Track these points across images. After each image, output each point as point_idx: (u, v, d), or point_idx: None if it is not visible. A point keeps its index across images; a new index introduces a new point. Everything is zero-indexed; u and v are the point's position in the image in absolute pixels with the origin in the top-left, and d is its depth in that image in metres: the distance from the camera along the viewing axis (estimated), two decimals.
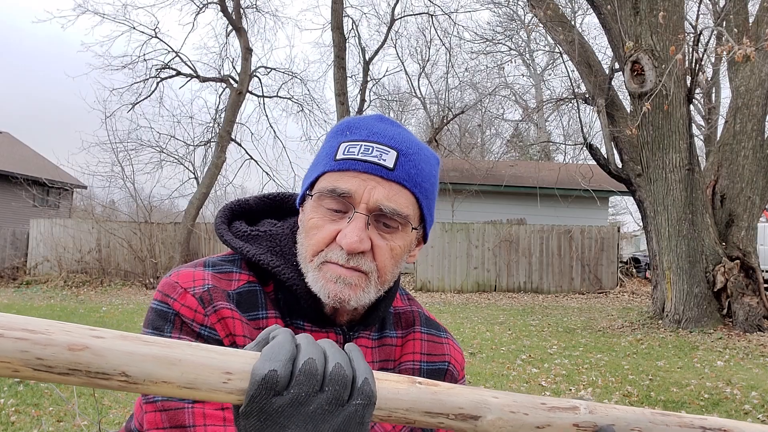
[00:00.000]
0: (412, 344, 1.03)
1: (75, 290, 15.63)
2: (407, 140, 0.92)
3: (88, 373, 0.50)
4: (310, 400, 0.55)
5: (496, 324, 10.23)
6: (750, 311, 8.70)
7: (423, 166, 0.92)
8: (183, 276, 0.90)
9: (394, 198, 0.88)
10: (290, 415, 0.55)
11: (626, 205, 30.83)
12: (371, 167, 0.88)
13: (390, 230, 0.90)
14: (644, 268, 16.87)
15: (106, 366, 0.51)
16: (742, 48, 6.73)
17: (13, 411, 4.77)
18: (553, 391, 5.65)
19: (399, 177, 0.89)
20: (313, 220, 0.90)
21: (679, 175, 9.14)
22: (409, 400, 0.62)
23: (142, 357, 0.52)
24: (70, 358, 0.50)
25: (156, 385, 0.53)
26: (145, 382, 0.53)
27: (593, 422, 0.70)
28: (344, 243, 0.86)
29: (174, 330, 0.87)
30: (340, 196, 0.88)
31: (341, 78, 16.88)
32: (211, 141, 19.45)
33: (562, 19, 11.42)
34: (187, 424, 0.82)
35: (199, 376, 0.54)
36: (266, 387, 0.54)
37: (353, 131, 0.92)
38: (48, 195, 23.09)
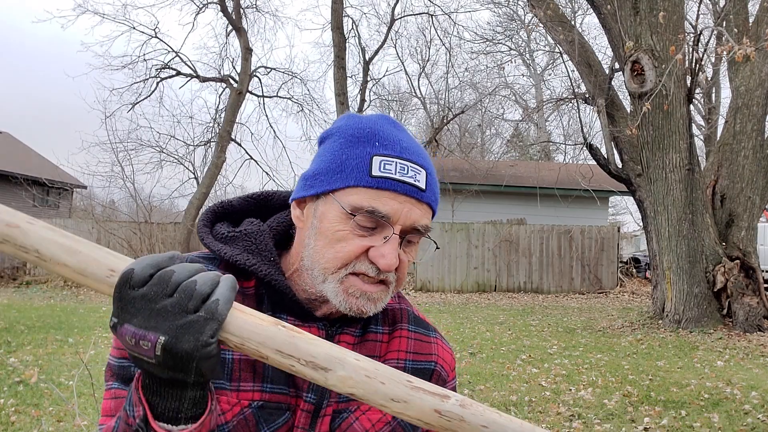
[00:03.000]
0: (398, 342, 1.03)
1: (75, 290, 15.63)
2: (425, 155, 0.94)
3: (15, 245, 0.67)
4: (158, 300, 0.66)
5: (496, 324, 10.23)
6: (750, 311, 8.70)
7: (438, 181, 0.95)
8: None
9: (425, 217, 0.91)
10: (140, 307, 0.66)
11: (626, 205, 30.84)
12: (409, 189, 0.88)
13: (411, 245, 0.92)
14: (644, 268, 16.87)
15: (27, 243, 0.67)
16: (742, 48, 6.73)
17: (13, 411, 4.77)
18: (553, 391, 5.65)
19: (430, 198, 0.91)
20: (341, 233, 0.88)
21: (679, 175, 9.14)
22: (264, 335, 0.67)
23: (53, 242, 0.67)
24: (6, 231, 0.66)
25: (58, 266, 0.67)
26: (51, 260, 0.67)
27: (461, 416, 0.69)
28: (382, 263, 0.87)
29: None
30: (381, 218, 0.87)
31: (341, 78, 16.88)
32: (211, 141, 19.45)
33: (562, 19, 11.42)
34: None
35: (90, 266, 0.67)
36: (123, 281, 0.66)
37: (383, 144, 0.90)
38: (48, 195, 23.08)
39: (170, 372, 0.67)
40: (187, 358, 0.65)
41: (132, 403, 0.71)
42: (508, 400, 5.30)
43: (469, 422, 0.69)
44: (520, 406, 5.14)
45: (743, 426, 4.61)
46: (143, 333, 0.65)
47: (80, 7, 25.84)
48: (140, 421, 0.70)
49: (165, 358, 0.65)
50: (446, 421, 0.69)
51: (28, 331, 8.65)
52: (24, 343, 7.64)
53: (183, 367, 0.66)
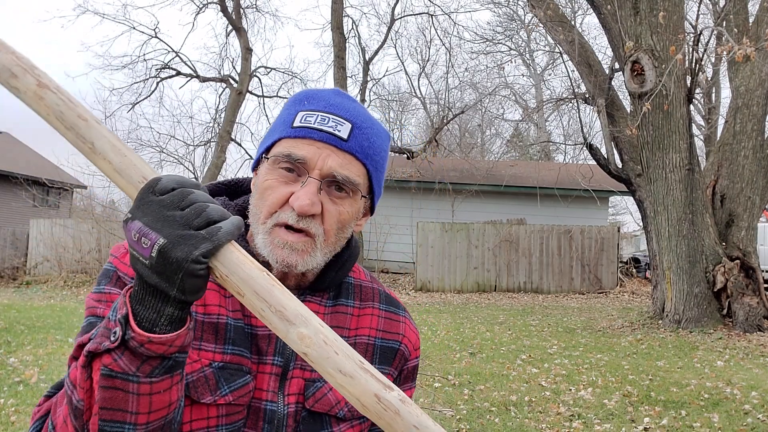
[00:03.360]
0: (369, 319, 1.06)
1: (75, 290, 15.63)
2: (362, 114, 0.97)
3: (77, 134, 0.76)
4: (170, 209, 0.71)
5: (496, 324, 10.23)
6: (750, 311, 8.70)
7: (375, 140, 0.97)
8: None
9: (347, 166, 0.93)
10: (153, 210, 0.71)
11: (626, 205, 30.84)
12: (327, 137, 0.93)
13: (340, 195, 0.94)
14: (644, 268, 16.87)
15: (87, 135, 0.76)
16: (742, 48, 6.73)
17: (13, 411, 4.77)
18: (553, 391, 5.64)
19: (352, 148, 0.94)
20: (268, 182, 0.94)
21: (679, 175, 9.14)
22: (248, 275, 0.72)
23: (107, 141, 0.76)
24: (75, 120, 0.76)
25: (104, 161, 0.76)
26: (100, 155, 0.76)
27: (397, 409, 0.70)
28: (296, 205, 0.90)
29: (109, 283, 0.93)
30: (296, 161, 0.92)
31: (341, 78, 16.88)
32: (211, 141, 19.46)
33: (562, 19, 11.42)
34: None
35: (128, 169, 0.76)
36: (148, 185, 0.73)
37: (311, 101, 0.97)
38: (48, 195, 23.08)
39: (157, 278, 0.70)
40: (176, 266, 0.69)
41: (116, 308, 0.74)
42: (508, 400, 5.30)
43: (403, 418, 0.70)
44: (520, 406, 5.14)
45: (743, 426, 4.61)
46: (147, 231, 0.70)
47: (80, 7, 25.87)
48: (121, 318, 0.72)
49: (157, 261, 0.70)
50: (382, 409, 0.70)
51: (28, 331, 8.66)
52: (24, 343, 7.64)
53: (169, 276, 0.70)
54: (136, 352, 0.72)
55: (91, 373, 0.73)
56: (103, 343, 0.72)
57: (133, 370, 0.72)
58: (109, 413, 0.72)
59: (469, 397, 5.39)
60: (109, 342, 0.72)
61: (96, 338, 0.73)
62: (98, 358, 0.72)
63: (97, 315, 0.89)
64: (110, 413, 0.72)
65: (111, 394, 0.72)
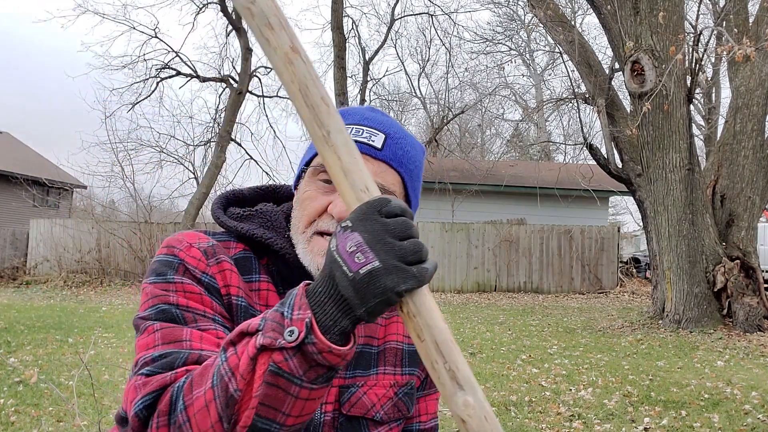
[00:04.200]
0: (395, 326, 1.09)
1: (75, 290, 15.62)
2: (395, 126, 1.00)
3: (317, 119, 0.74)
4: (393, 235, 0.72)
5: (496, 324, 10.22)
6: (750, 311, 8.70)
7: (409, 150, 1.00)
8: (188, 235, 0.98)
9: (382, 174, 0.96)
10: (376, 230, 0.72)
11: (626, 205, 30.84)
12: (361, 147, 0.95)
13: None
14: (644, 268, 16.87)
15: (325, 122, 0.75)
16: (742, 48, 6.73)
17: (13, 411, 4.77)
18: (553, 390, 5.64)
19: (386, 157, 0.97)
20: (307, 193, 0.97)
21: (679, 175, 9.14)
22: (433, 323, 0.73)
23: (343, 135, 0.75)
24: (319, 103, 0.75)
25: (333, 156, 0.75)
26: (333, 147, 0.75)
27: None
28: (335, 211, 0.93)
29: (176, 274, 0.92)
30: None
31: (341, 78, 16.87)
32: (211, 141, 19.44)
33: (562, 19, 11.42)
34: (184, 338, 0.85)
35: (355, 172, 0.75)
36: (378, 202, 0.73)
37: (346, 117, 0.99)
38: (48, 195, 23.08)
39: (354, 293, 0.71)
40: (379, 292, 0.71)
41: (291, 305, 0.73)
42: (508, 400, 5.30)
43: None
44: (520, 406, 5.13)
45: (743, 426, 4.60)
46: (365, 249, 0.71)
47: (80, 7, 25.86)
48: (307, 321, 0.71)
49: (362, 279, 0.71)
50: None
51: (28, 331, 8.65)
52: (24, 343, 7.64)
53: (365, 297, 0.71)
54: (310, 358, 0.72)
55: (255, 365, 0.72)
56: (278, 340, 0.71)
57: (300, 373, 0.72)
58: (265, 410, 0.72)
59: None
60: (284, 340, 0.71)
61: (267, 332, 0.72)
62: (268, 352, 0.72)
63: (170, 302, 0.89)
64: (266, 410, 0.72)
65: (273, 391, 0.72)
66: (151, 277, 0.93)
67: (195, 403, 0.74)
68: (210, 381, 0.74)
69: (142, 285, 0.94)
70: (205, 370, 0.76)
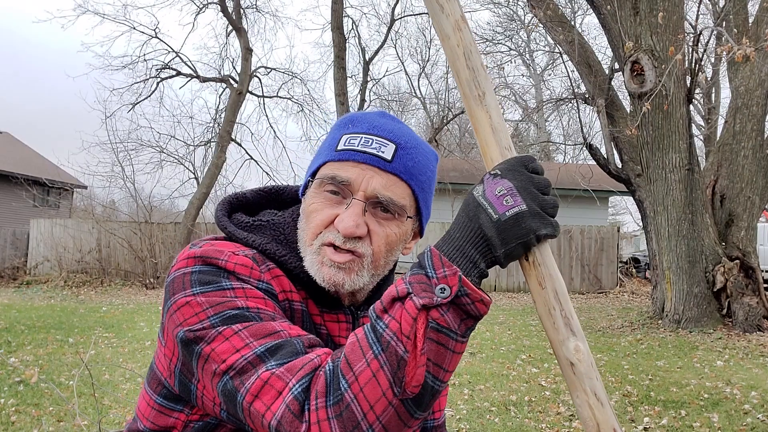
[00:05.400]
0: None
1: (75, 290, 15.63)
2: (406, 135, 0.97)
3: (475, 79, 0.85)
4: (537, 188, 0.80)
5: (496, 324, 10.23)
6: (750, 311, 8.70)
7: (420, 160, 0.97)
8: (222, 245, 0.95)
9: (391, 188, 0.94)
10: (523, 180, 0.80)
11: (626, 205, 30.84)
12: (370, 158, 0.93)
13: (386, 216, 0.95)
14: (644, 268, 16.86)
15: (483, 83, 0.85)
16: (741, 48, 6.73)
17: (13, 411, 4.77)
18: (553, 390, 5.65)
19: (396, 169, 0.94)
20: (314, 205, 0.95)
21: (679, 175, 9.14)
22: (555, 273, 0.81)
23: (494, 98, 0.86)
24: (479, 67, 0.85)
25: (485, 114, 0.84)
26: (485, 106, 0.84)
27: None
28: (341, 227, 0.91)
29: (231, 281, 0.88)
30: (340, 183, 0.93)
31: (341, 78, 16.87)
32: (211, 141, 19.45)
33: (562, 19, 11.42)
34: (278, 329, 0.84)
35: (502, 131, 0.84)
36: (525, 158, 0.82)
37: (355, 124, 0.98)
38: (48, 195, 23.08)
39: (496, 233, 0.77)
40: (522, 233, 0.78)
41: (432, 266, 0.77)
42: (508, 399, 5.30)
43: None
44: (520, 405, 5.14)
45: (743, 426, 4.61)
46: (515, 193, 0.79)
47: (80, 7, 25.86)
48: (459, 276, 0.75)
49: (508, 221, 0.78)
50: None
51: (28, 331, 8.66)
52: (24, 343, 7.64)
53: (507, 238, 0.78)
54: (462, 310, 0.75)
55: (417, 325, 0.74)
56: (434, 298, 0.74)
57: (455, 327, 0.75)
58: (433, 367, 0.75)
59: (469, 397, 5.39)
60: (439, 297, 0.74)
61: (419, 293, 0.75)
62: (425, 311, 0.74)
63: (238, 306, 0.85)
64: (434, 368, 0.75)
65: (436, 347, 0.74)
66: (194, 288, 0.87)
67: (360, 378, 0.74)
68: (371, 351, 0.75)
69: (181, 300, 0.87)
70: (354, 346, 0.77)
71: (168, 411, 0.96)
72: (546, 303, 0.78)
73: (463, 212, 0.81)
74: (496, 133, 0.84)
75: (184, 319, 0.86)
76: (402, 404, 0.74)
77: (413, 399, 0.74)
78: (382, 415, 0.73)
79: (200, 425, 0.93)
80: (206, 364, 0.83)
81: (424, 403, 0.75)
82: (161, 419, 0.96)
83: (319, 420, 0.74)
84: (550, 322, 0.78)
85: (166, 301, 0.91)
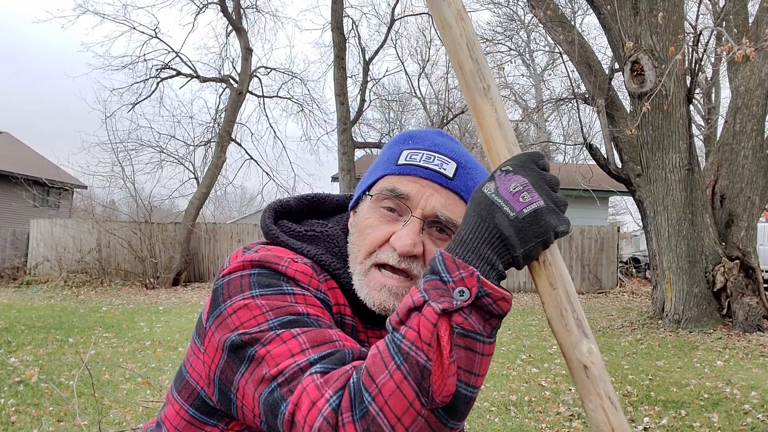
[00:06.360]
0: None
1: (75, 290, 15.63)
2: (466, 155, 0.97)
3: (479, 71, 0.82)
4: (548, 184, 0.79)
5: None
6: (750, 311, 8.70)
7: (479, 181, 0.95)
8: (280, 251, 0.93)
9: (451, 207, 0.92)
10: (534, 176, 0.78)
11: (626, 205, 30.85)
12: (432, 174, 0.92)
13: (442, 237, 0.92)
14: (644, 268, 16.86)
15: (488, 75, 0.82)
16: (741, 48, 6.73)
17: (13, 411, 4.77)
18: (553, 390, 5.65)
19: (457, 187, 0.93)
20: (369, 220, 0.93)
21: (679, 175, 9.14)
22: (565, 273, 0.79)
23: (498, 93, 0.83)
24: (482, 59, 0.82)
25: (490, 107, 0.81)
26: (490, 100, 0.81)
27: None
28: (398, 245, 0.89)
29: (292, 286, 0.87)
30: (398, 197, 0.91)
31: (341, 78, 16.87)
32: (211, 141, 19.44)
33: (562, 19, 11.42)
34: (334, 339, 0.81)
35: (508, 127, 0.82)
36: (535, 154, 0.80)
37: (416, 141, 0.97)
38: (48, 195, 23.08)
39: (514, 232, 0.74)
40: (542, 230, 0.75)
41: (446, 270, 0.73)
42: (508, 400, 5.30)
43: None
44: (520, 406, 5.14)
45: (743, 426, 4.61)
46: (531, 189, 0.77)
47: (80, 7, 25.82)
48: (476, 277, 0.71)
49: (526, 218, 0.75)
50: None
51: (28, 331, 8.66)
52: (24, 343, 7.64)
53: (526, 236, 0.75)
54: (485, 311, 0.72)
55: (439, 332, 0.70)
56: (454, 302, 0.70)
57: (480, 329, 0.72)
58: (464, 374, 0.71)
59: None
60: (458, 301, 0.71)
61: (436, 299, 0.71)
62: (446, 317, 0.71)
63: (299, 312, 0.83)
64: (465, 375, 0.71)
65: (465, 353, 0.71)
66: (253, 290, 0.85)
67: (383, 390, 0.70)
68: (392, 363, 0.71)
69: (238, 302, 0.84)
70: (376, 358, 0.73)
71: (200, 424, 0.92)
72: (557, 304, 0.76)
73: (474, 212, 0.76)
74: (503, 128, 0.81)
75: (240, 322, 0.83)
76: (433, 414, 0.70)
77: (445, 408, 0.71)
78: (411, 426, 0.70)
79: None
80: (257, 368, 0.80)
81: (458, 412, 0.72)
82: (192, 431, 0.92)
83: None
84: (562, 324, 0.75)
85: (217, 305, 0.87)
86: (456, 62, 0.82)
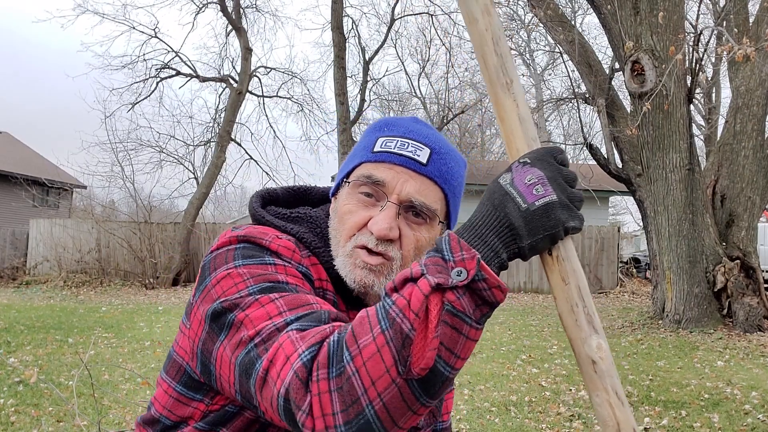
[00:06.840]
0: None
1: (75, 290, 15.62)
2: (440, 140, 1.00)
3: (503, 65, 0.81)
4: (565, 180, 0.79)
5: (496, 324, 10.22)
6: (750, 311, 8.70)
7: (453, 165, 1.00)
8: (265, 229, 0.97)
9: (425, 192, 0.96)
10: (552, 170, 0.78)
11: (626, 205, 30.85)
12: (406, 161, 0.96)
13: (418, 221, 0.96)
14: (644, 268, 16.86)
15: (511, 71, 0.82)
16: (742, 48, 6.72)
17: (13, 411, 4.77)
18: (553, 391, 5.64)
19: (430, 172, 0.96)
20: (348, 206, 0.97)
21: (680, 175, 9.13)
22: (579, 268, 0.79)
23: (521, 87, 0.83)
24: (507, 53, 0.82)
25: (512, 102, 0.81)
26: (512, 94, 0.82)
27: None
28: (375, 229, 0.93)
29: (273, 258, 0.90)
30: (375, 183, 0.95)
31: (341, 78, 16.86)
32: (210, 141, 19.43)
33: (562, 19, 11.41)
34: (312, 302, 0.83)
35: (529, 122, 0.82)
36: (555, 149, 0.81)
37: (391, 128, 1.00)
38: (48, 195, 23.07)
39: (523, 223, 0.75)
40: (551, 224, 0.76)
41: (449, 249, 0.74)
42: (508, 400, 5.30)
43: None
44: (520, 406, 5.13)
45: (743, 426, 4.60)
46: (545, 182, 0.77)
47: (80, 7, 25.78)
48: (477, 259, 0.72)
49: (536, 211, 0.76)
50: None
51: (27, 331, 8.65)
52: (24, 343, 7.64)
53: (535, 229, 0.76)
54: (478, 296, 0.73)
55: (428, 305, 0.71)
56: (450, 280, 0.71)
57: (470, 312, 0.72)
58: (445, 352, 0.71)
59: (469, 397, 5.39)
60: (454, 280, 0.71)
61: (433, 274, 0.71)
62: (439, 293, 0.71)
63: (278, 280, 0.86)
64: (446, 352, 0.71)
65: (450, 332, 0.71)
66: (236, 261, 0.88)
67: (364, 351, 0.71)
68: (378, 327, 0.71)
69: (221, 273, 0.88)
70: (363, 320, 0.74)
71: (187, 400, 0.94)
72: (569, 300, 0.77)
73: (488, 200, 0.78)
74: (523, 123, 0.82)
75: (222, 291, 0.86)
76: (407, 385, 0.70)
77: (420, 381, 0.71)
78: (384, 392, 0.70)
79: (219, 414, 0.92)
80: (236, 333, 0.81)
81: (433, 389, 0.72)
82: (179, 408, 0.95)
83: (320, 392, 0.71)
84: (572, 319, 0.76)
85: (203, 279, 0.90)
86: (480, 56, 0.83)
